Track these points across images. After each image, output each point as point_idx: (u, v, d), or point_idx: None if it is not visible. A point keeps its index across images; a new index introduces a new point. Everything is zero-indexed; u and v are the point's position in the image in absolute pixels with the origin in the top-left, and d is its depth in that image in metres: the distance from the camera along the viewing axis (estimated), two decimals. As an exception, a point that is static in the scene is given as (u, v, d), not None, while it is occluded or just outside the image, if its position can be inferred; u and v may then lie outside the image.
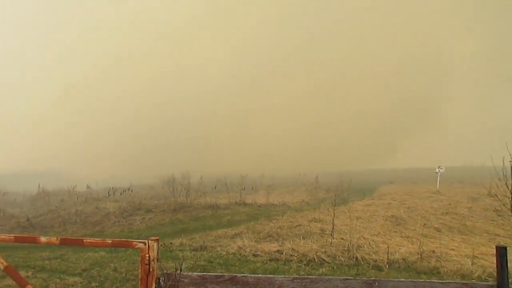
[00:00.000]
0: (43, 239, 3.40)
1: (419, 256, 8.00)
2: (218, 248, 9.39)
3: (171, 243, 9.89)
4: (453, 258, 7.99)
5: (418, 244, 8.49)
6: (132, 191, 21.69)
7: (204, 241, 10.18)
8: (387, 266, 7.57)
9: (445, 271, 7.26)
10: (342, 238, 9.57)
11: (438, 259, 7.86)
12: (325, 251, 8.54)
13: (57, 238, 3.40)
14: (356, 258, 8.06)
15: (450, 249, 8.79)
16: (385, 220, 12.36)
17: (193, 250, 9.40)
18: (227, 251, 9.03)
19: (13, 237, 3.58)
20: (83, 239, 3.38)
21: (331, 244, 8.94)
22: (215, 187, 24.33)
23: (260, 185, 29.72)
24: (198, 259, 8.21)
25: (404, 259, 7.92)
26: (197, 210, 17.85)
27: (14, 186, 27.55)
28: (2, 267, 3.63)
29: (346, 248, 8.59)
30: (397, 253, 8.28)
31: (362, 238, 9.38)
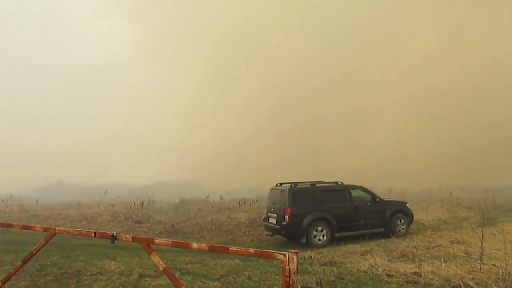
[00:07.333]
0: (195, 245, 3.77)
1: None
2: (348, 265, 9.08)
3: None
4: None
5: None
6: (260, 202, 22.70)
7: (333, 256, 10.00)
8: (559, 303, 6.28)
9: None
10: (494, 265, 8.31)
11: None
12: (473, 278, 7.50)
13: (206, 245, 3.73)
14: (515, 289, 6.89)
15: None
16: (551, 247, 10.31)
17: (322, 264, 9.27)
18: (357, 269, 8.67)
19: (170, 242, 4.05)
20: (228, 247, 3.63)
21: (480, 270, 7.82)
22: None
23: (388, 200, 27.95)
24: (328, 275, 8.06)
25: None
26: (323, 223, 17.67)
27: (160, 195, 31.19)
28: (161, 268, 4.14)
29: (500, 277, 7.41)
30: None
31: (521, 266, 7.98)
